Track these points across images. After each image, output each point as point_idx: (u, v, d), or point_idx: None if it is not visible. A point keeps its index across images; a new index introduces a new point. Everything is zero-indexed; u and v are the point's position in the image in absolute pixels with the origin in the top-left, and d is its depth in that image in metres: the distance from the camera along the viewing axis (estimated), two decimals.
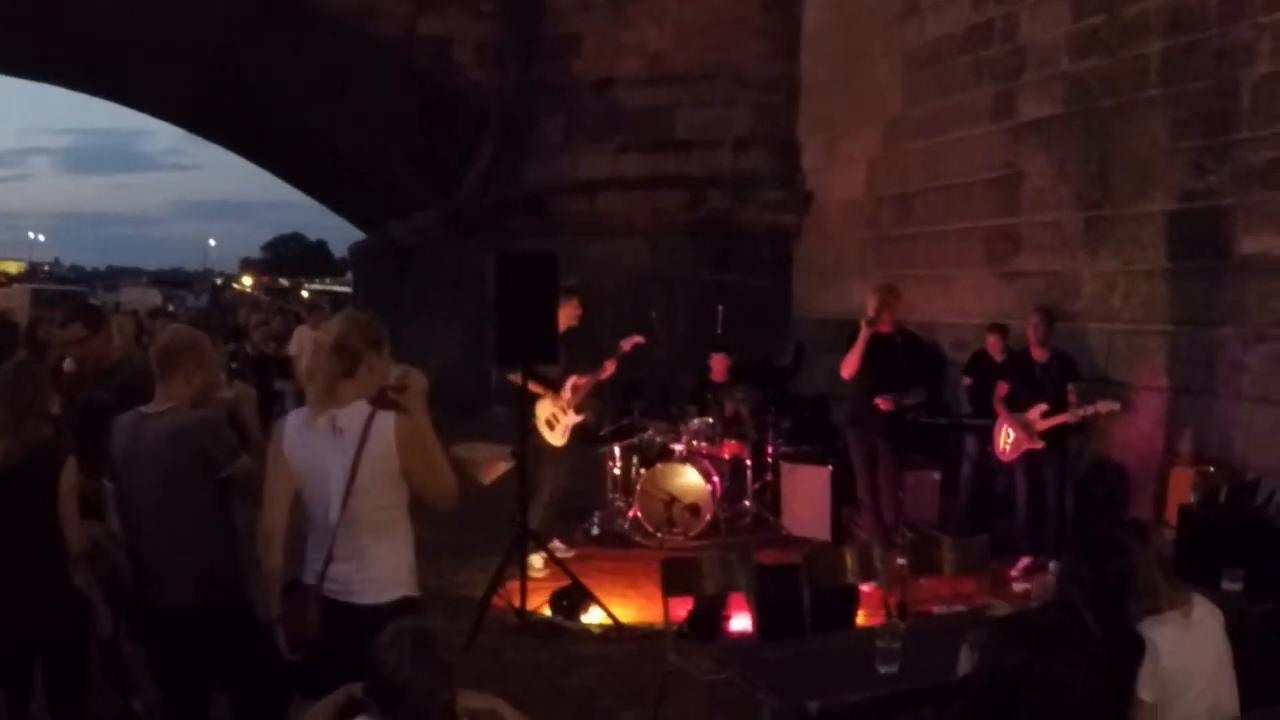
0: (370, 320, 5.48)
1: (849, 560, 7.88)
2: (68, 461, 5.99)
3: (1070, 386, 11.30)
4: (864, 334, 11.76)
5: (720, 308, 16.08)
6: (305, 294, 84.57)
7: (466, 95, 23.80)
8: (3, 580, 5.38)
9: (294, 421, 5.32)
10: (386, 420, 5.16)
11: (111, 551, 6.19)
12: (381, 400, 5.18)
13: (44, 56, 31.16)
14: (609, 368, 12.17)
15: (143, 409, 5.86)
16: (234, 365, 20.53)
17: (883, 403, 11.70)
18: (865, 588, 8.29)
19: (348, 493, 5.11)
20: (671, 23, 20.68)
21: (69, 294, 75.09)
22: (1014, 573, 10.97)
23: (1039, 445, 11.22)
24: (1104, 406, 11.07)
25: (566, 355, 11.59)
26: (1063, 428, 11.22)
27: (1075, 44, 13.52)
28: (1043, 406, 11.20)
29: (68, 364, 7.90)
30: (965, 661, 5.08)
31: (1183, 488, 10.63)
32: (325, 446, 5.15)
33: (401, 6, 23.63)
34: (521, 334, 10.03)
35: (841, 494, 12.74)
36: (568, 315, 11.71)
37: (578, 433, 12.26)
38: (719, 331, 15.81)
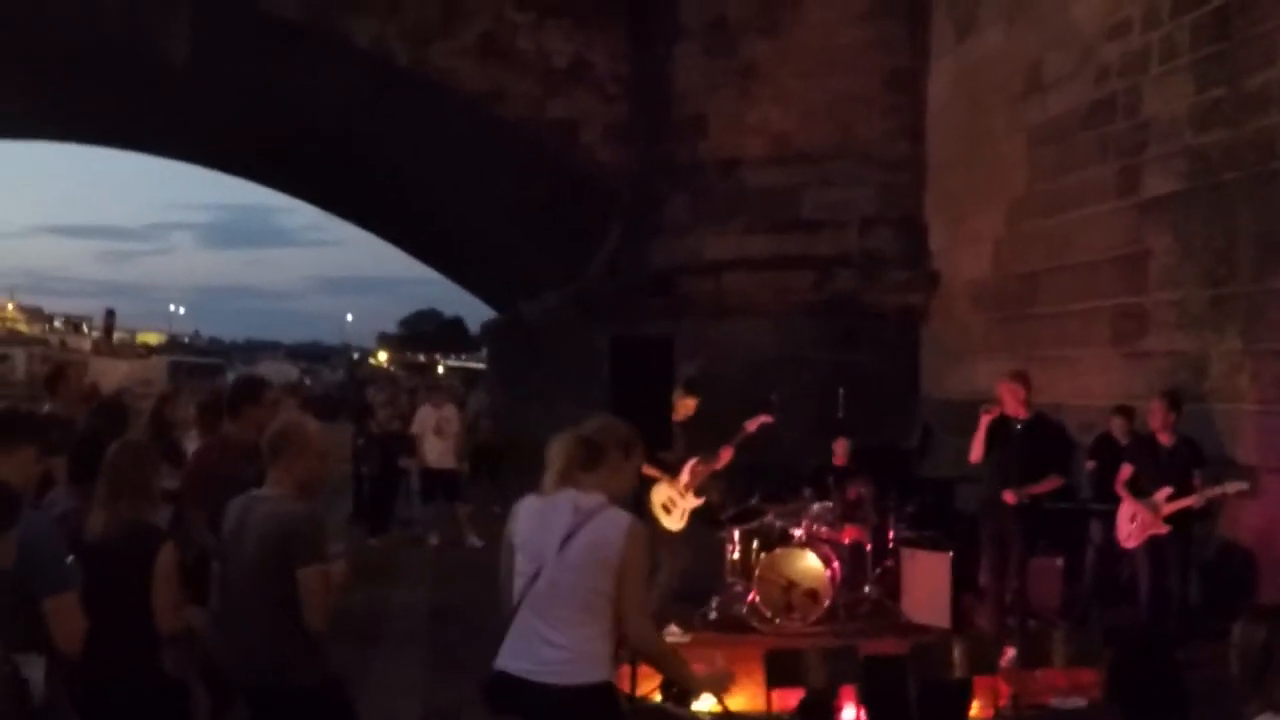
0: (624, 426, 5.70)
1: (958, 653, 7.77)
2: (165, 544, 6.04)
3: (1195, 471, 11.08)
4: (983, 420, 11.60)
5: (842, 391, 15.94)
6: (441, 369, 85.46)
7: (594, 176, 24.07)
8: (95, 658, 5.41)
9: (527, 501, 5.48)
10: (622, 516, 5.30)
11: (207, 636, 6.27)
12: None
13: (183, 137, 32.04)
14: (725, 456, 12.19)
15: (254, 492, 6.01)
16: (360, 442, 20.74)
17: (1009, 497, 11.45)
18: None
19: (566, 568, 5.19)
20: (796, 103, 20.70)
21: (206, 366, 76.44)
22: None
23: (1163, 530, 11.00)
24: (1231, 487, 10.86)
25: (686, 440, 11.60)
26: (1188, 512, 11.01)
27: (1198, 117, 13.33)
28: (1168, 490, 10.99)
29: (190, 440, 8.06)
30: None
31: None
32: (556, 522, 5.26)
33: (530, 89, 24.02)
34: (636, 419, 10.03)
35: (962, 581, 12.55)
36: (687, 407, 11.75)
37: (698, 515, 12.25)
38: (840, 415, 15.67)
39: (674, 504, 11.88)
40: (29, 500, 5.56)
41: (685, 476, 11.93)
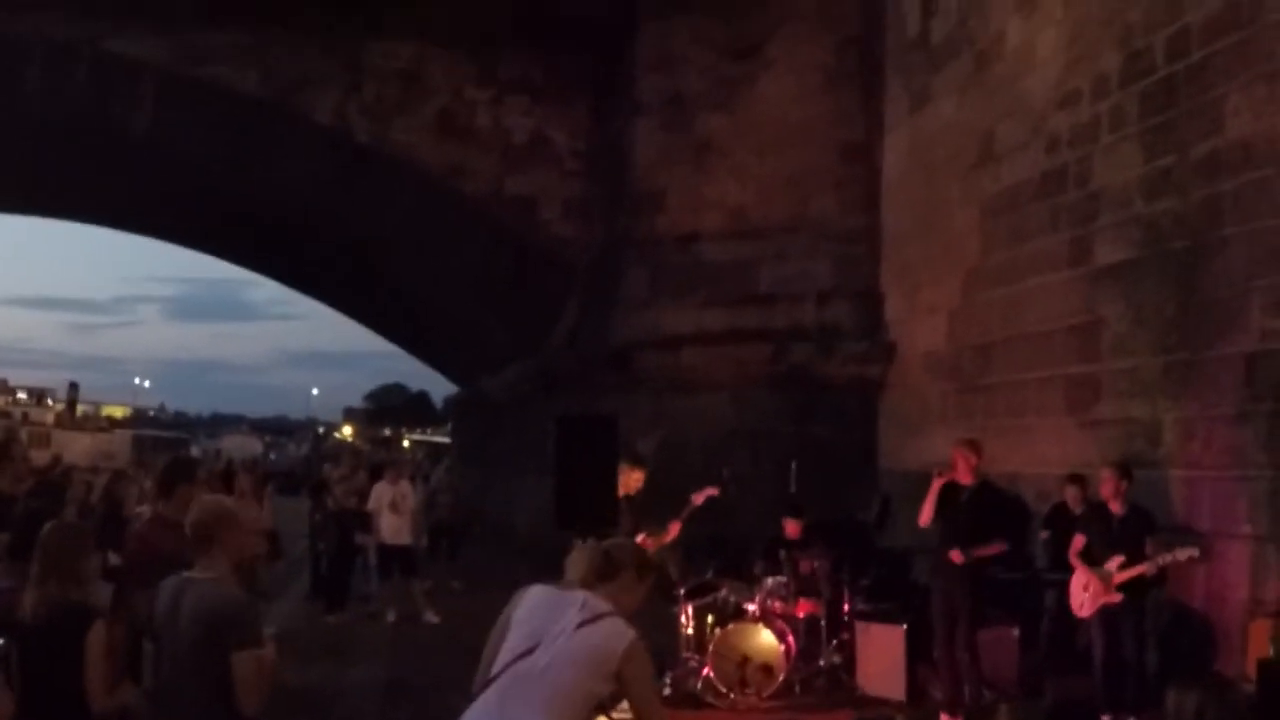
0: (643, 551, 6.19)
1: None
2: (95, 623, 6.03)
3: (1148, 539, 11.07)
4: (935, 485, 11.63)
5: (794, 464, 15.92)
6: (406, 444, 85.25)
7: (553, 251, 24.19)
8: None
9: (537, 588, 5.53)
10: (628, 629, 5.33)
11: (142, 715, 6.21)
12: None
13: (147, 212, 32.10)
14: (673, 530, 12.17)
15: (186, 574, 5.96)
16: (317, 518, 20.65)
17: (955, 556, 11.48)
18: None
19: (566, 658, 5.20)
20: (753, 177, 20.86)
21: (171, 440, 76.09)
22: None
23: (1116, 599, 10.96)
24: (1182, 554, 10.83)
25: (630, 517, 11.57)
26: (1140, 580, 10.97)
27: (1148, 186, 13.42)
28: (1119, 559, 10.97)
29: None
30: None
31: (1262, 641, 10.32)
32: (565, 613, 5.30)
33: (489, 165, 24.20)
34: (581, 496, 10.02)
35: (918, 652, 12.49)
36: (635, 480, 11.72)
37: (653, 589, 12.16)
38: (792, 490, 15.64)
39: None
40: None
41: None
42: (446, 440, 64.89)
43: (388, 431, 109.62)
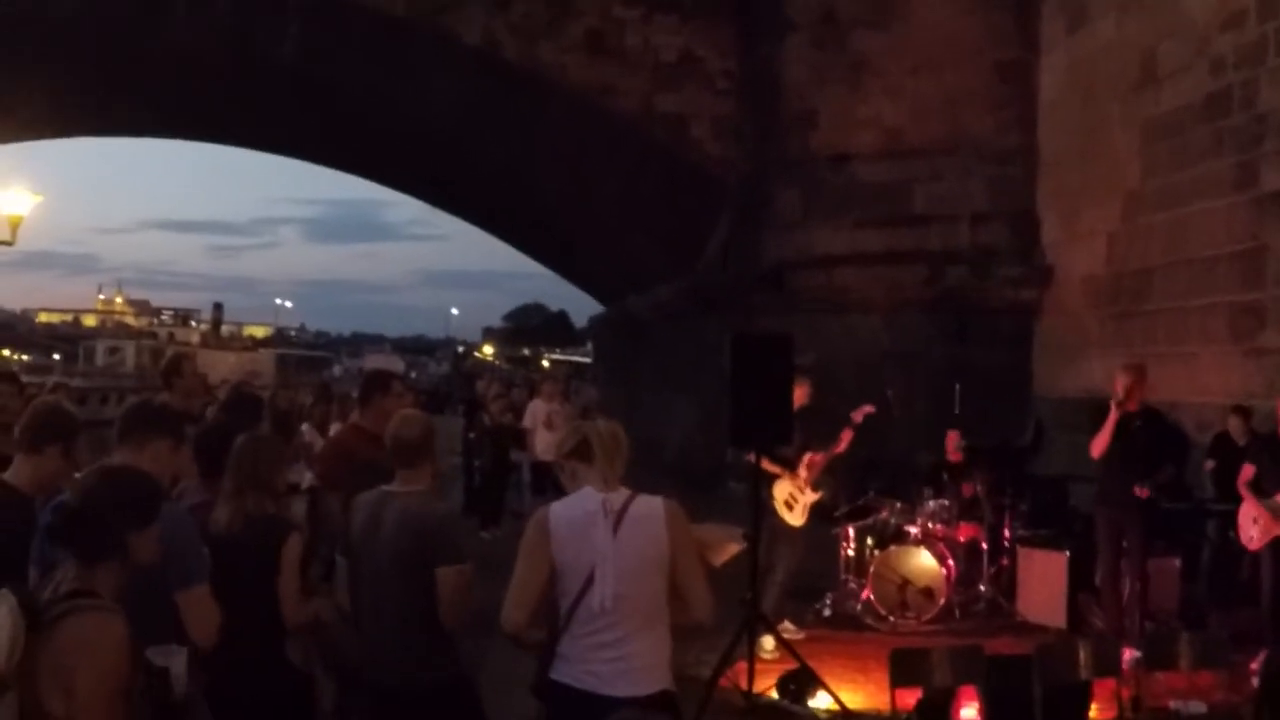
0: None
1: (1083, 654, 7.74)
2: (291, 536, 6.11)
3: None
4: (1113, 415, 11.41)
5: (958, 387, 15.87)
6: (546, 363, 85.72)
7: (704, 170, 24.11)
8: (222, 650, 5.48)
9: (561, 510, 5.40)
10: (655, 504, 5.32)
11: (335, 628, 6.35)
12: None
13: (288, 133, 32.42)
14: (845, 440, 12.16)
15: (385, 488, 6.08)
16: (470, 435, 20.92)
17: (1140, 491, 11.33)
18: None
19: (618, 578, 5.20)
20: (907, 97, 20.62)
21: (313, 359, 77.32)
22: (1255, 666, 10.56)
23: None
24: None
25: (800, 433, 11.61)
26: None
27: None
28: None
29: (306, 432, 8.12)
30: None
31: None
32: (598, 532, 5.24)
33: (638, 83, 24.09)
34: (756, 415, 10.06)
35: (1079, 580, 12.43)
36: (801, 395, 11.71)
37: (815, 511, 12.26)
38: (956, 411, 15.60)
39: (795, 499, 11.88)
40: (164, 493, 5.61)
41: (804, 471, 11.94)
42: (586, 360, 65.16)
43: (526, 351, 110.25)
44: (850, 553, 13.33)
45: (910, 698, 8.77)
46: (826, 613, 12.96)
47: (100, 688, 4.02)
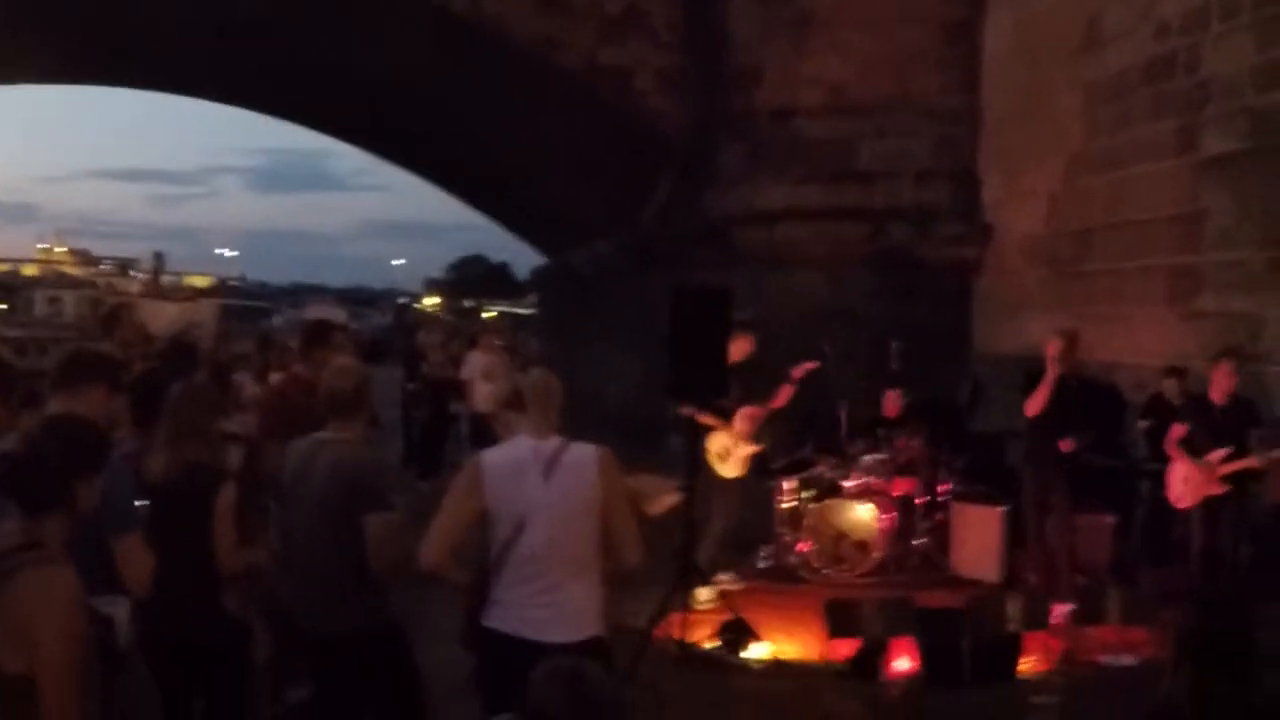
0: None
1: (1012, 608, 7.84)
2: (225, 484, 6.11)
3: (1252, 432, 11.04)
4: (1052, 374, 11.52)
5: (895, 343, 15.92)
6: (487, 315, 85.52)
7: (648, 124, 23.98)
8: (158, 598, 5.46)
9: (494, 456, 5.54)
10: (587, 451, 5.40)
11: (270, 575, 6.35)
12: None
13: (233, 82, 32.11)
14: (784, 395, 12.22)
15: (317, 435, 6.08)
16: (409, 386, 20.88)
17: (1065, 445, 11.47)
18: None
19: (550, 524, 5.30)
20: (854, 54, 20.56)
21: (254, 309, 76.75)
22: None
23: (1219, 491, 10.96)
24: None
25: (739, 388, 11.66)
26: (1244, 473, 10.96)
27: (1259, 77, 13.23)
28: (1223, 451, 10.95)
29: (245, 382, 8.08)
30: None
31: None
32: (530, 478, 5.33)
33: (582, 36, 23.89)
34: (694, 367, 10.11)
35: (1015, 537, 12.56)
36: (740, 350, 11.77)
37: (752, 464, 12.32)
38: (894, 367, 15.68)
39: (729, 452, 11.94)
40: None
41: (739, 424, 11.98)
42: (528, 312, 65.08)
43: (468, 303, 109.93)
44: (786, 506, 13.39)
45: (846, 648, 8.87)
46: (763, 565, 13.03)
47: (62, 642, 4.00)
